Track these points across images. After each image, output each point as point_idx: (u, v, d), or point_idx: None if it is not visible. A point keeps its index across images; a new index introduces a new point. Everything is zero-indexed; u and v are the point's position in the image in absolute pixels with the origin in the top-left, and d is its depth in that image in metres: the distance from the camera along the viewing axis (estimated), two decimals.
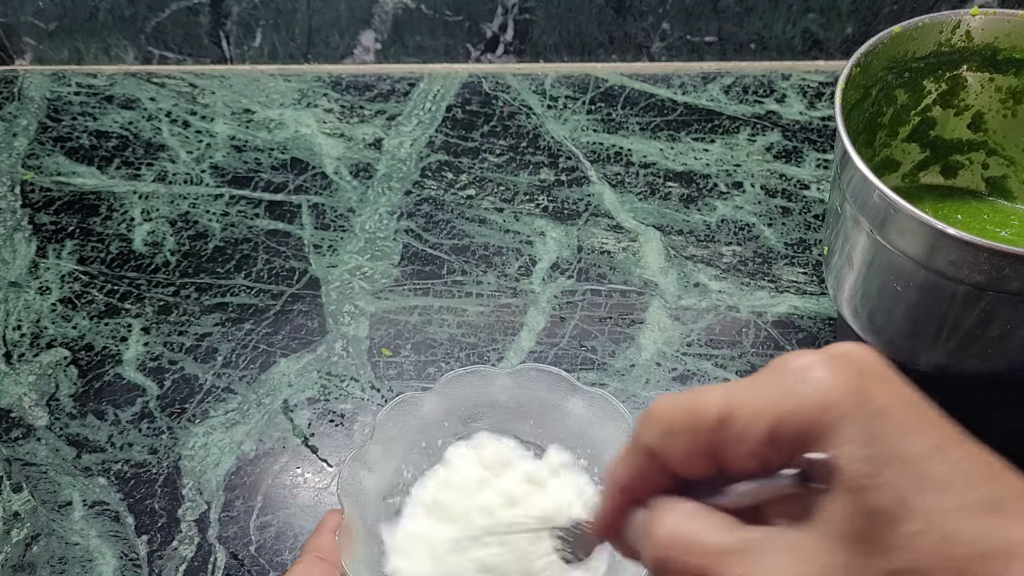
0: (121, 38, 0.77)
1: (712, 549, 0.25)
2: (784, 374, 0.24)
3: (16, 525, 0.52)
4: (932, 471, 0.22)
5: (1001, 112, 0.56)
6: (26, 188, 0.70)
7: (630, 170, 0.69)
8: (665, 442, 0.27)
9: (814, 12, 0.73)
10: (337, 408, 0.56)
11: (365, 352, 0.59)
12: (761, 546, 0.24)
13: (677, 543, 0.26)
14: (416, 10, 0.74)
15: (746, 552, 0.24)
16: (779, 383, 0.24)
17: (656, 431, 0.27)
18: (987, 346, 0.47)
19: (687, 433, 0.26)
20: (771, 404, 0.24)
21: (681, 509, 0.27)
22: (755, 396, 0.25)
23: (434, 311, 0.61)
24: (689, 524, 0.26)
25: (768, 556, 0.24)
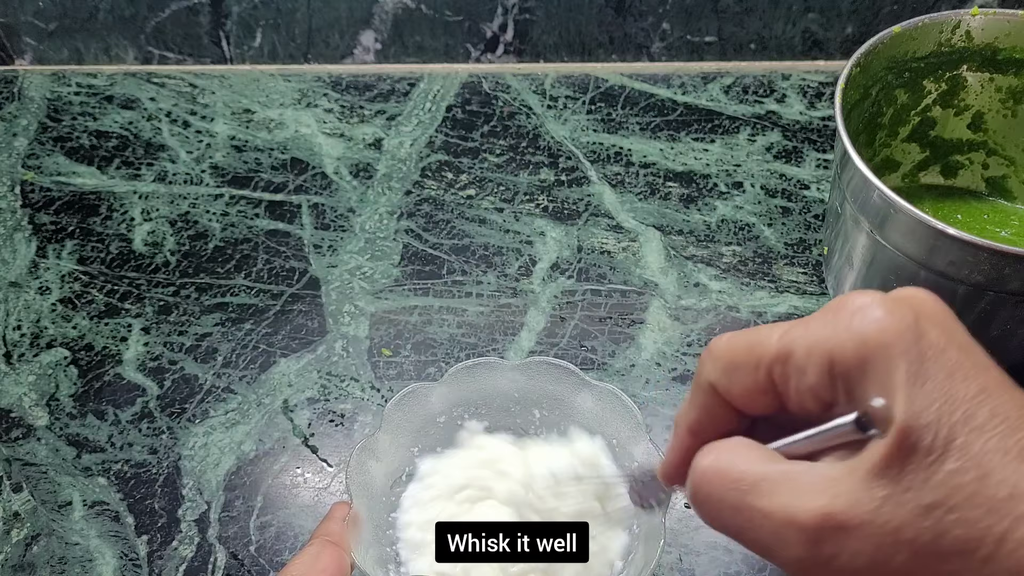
0: (121, 38, 0.77)
1: (749, 477, 0.25)
2: (842, 312, 0.25)
3: (16, 525, 0.52)
4: (976, 413, 0.23)
5: (1001, 112, 0.56)
6: (26, 188, 0.70)
7: (630, 170, 0.69)
8: (727, 378, 0.27)
9: (814, 12, 0.73)
10: (337, 408, 0.56)
11: (365, 352, 0.59)
12: (799, 477, 0.25)
13: (716, 472, 0.26)
14: (416, 10, 0.74)
15: (781, 482, 0.25)
16: (836, 320, 0.25)
17: (718, 367, 0.28)
18: (987, 346, 0.47)
19: (748, 368, 0.27)
20: (827, 339, 0.25)
21: (727, 443, 0.27)
22: (813, 331, 0.25)
23: (434, 311, 0.61)
24: (730, 455, 0.26)
25: (803, 486, 0.24)
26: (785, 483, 0.25)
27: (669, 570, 0.48)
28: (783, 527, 0.24)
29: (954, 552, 0.23)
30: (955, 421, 0.23)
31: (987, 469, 0.22)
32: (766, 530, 0.25)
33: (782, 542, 0.24)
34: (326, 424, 0.55)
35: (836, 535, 0.23)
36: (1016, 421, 0.23)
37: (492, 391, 0.49)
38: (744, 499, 0.25)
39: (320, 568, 0.40)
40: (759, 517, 0.25)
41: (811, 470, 0.25)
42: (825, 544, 0.24)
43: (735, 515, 0.26)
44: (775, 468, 0.25)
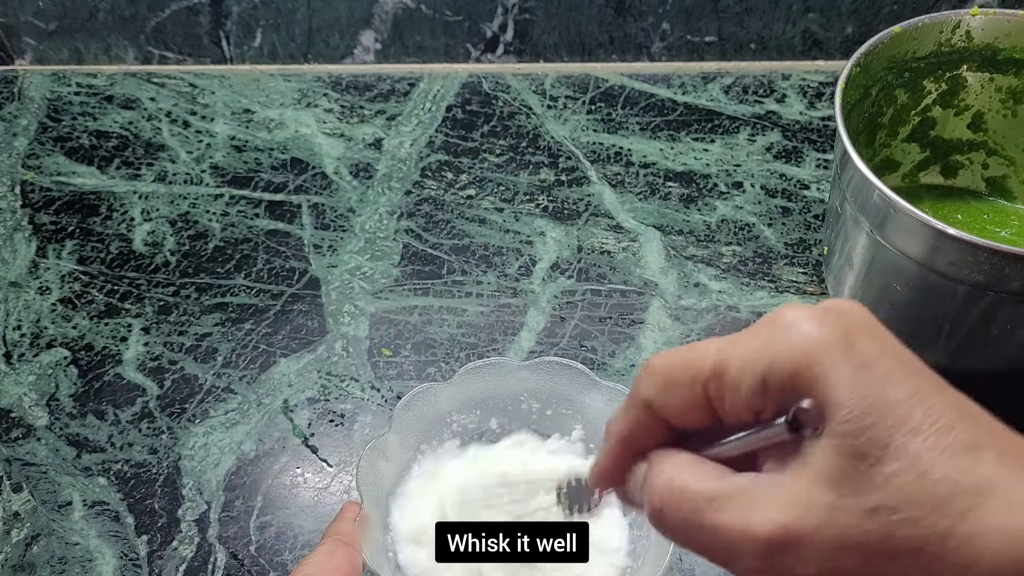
0: (121, 38, 0.77)
1: (703, 496, 0.26)
2: (775, 326, 0.26)
3: (16, 525, 0.52)
4: (912, 415, 0.23)
5: (1001, 112, 0.56)
6: (26, 188, 0.70)
7: (630, 170, 0.69)
8: (663, 395, 0.28)
9: (814, 12, 0.73)
10: (337, 408, 0.56)
11: (365, 352, 0.59)
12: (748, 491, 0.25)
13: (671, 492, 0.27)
14: (416, 10, 0.74)
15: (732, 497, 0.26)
16: (770, 333, 0.26)
17: (654, 384, 0.28)
18: (987, 346, 0.47)
19: (684, 385, 0.27)
20: (762, 352, 0.25)
21: (676, 460, 0.28)
22: (746, 347, 0.26)
23: (434, 311, 0.61)
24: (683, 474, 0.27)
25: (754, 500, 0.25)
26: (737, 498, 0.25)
27: (669, 570, 0.48)
28: (739, 541, 0.25)
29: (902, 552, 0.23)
30: (890, 424, 0.23)
31: (925, 468, 0.23)
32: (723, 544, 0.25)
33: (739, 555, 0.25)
34: (326, 424, 0.55)
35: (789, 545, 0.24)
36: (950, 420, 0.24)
37: (501, 392, 0.49)
38: (701, 516, 0.26)
39: (333, 567, 0.40)
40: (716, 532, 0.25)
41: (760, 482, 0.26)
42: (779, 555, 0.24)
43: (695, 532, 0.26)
44: (727, 483, 0.26)
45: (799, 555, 0.24)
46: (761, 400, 0.26)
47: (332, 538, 0.42)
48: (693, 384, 0.27)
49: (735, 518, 0.25)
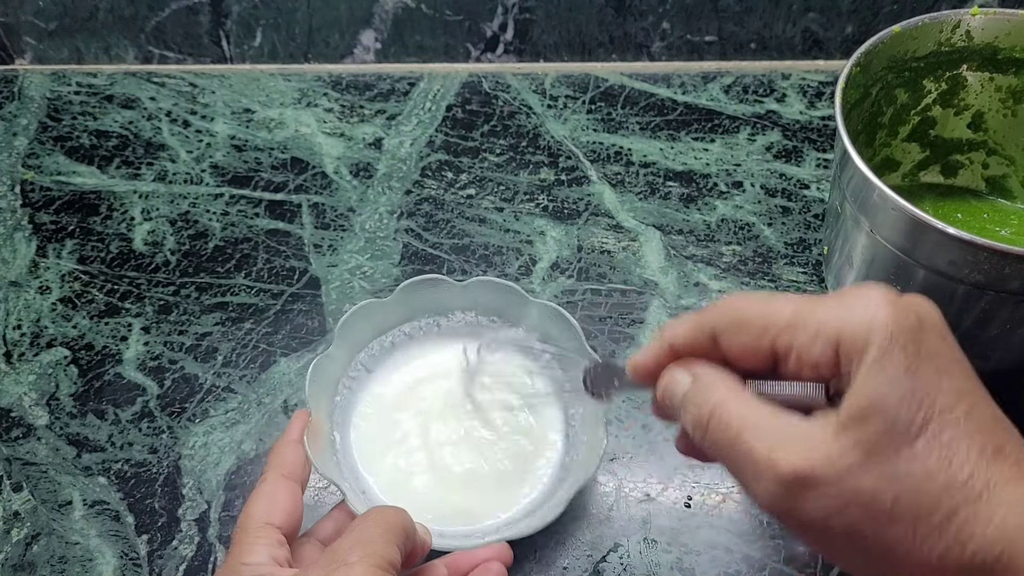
0: (121, 38, 0.77)
1: (748, 421, 0.29)
2: (857, 300, 0.28)
3: (16, 525, 0.52)
4: (955, 408, 0.26)
5: (1001, 112, 0.56)
6: (26, 188, 0.70)
7: (630, 170, 0.69)
8: (731, 332, 0.31)
9: (814, 12, 0.73)
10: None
11: None
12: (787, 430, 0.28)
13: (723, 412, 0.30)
14: (416, 10, 0.74)
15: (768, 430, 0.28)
16: (850, 305, 0.28)
17: (728, 320, 0.31)
18: (987, 346, 0.47)
19: (755, 330, 0.30)
20: (838, 319, 0.28)
21: (727, 383, 0.31)
22: (826, 311, 0.29)
23: None
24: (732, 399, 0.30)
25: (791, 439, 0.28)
26: (774, 431, 0.28)
27: (669, 570, 0.48)
28: (764, 468, 0.28)
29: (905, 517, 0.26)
30: (934, 411, 0.26)
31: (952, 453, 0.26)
32: (749, 465, 0.28)
33: (759, 480, 0.28)
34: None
35: (805, 485, 0.27)
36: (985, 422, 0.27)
37: (441, 306, 0.54)
38: (740, 435, 0.29)
39: (280, 507, 0.41)
40: (747, 454, 0.28)
41: (797, 423, 0.28)
42: (794, 490, 0.27)
43: (729, 448, 0.29)
44: (768, 415, 0.29)
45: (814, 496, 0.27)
46: (828, 361, 0.28)
47: (273, 473, 0.43)
48: (764, 332, 0.30)
49: (769, 449, 0.28)
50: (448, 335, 0.55)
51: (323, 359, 0.50)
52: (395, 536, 0.38)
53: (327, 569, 0.35)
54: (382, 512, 0.40)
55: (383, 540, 0.37)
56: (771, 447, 0.28)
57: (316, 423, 0.48)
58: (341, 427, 0.51)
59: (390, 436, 0.51)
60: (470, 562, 0.43)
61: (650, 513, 0.51)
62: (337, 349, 0.51)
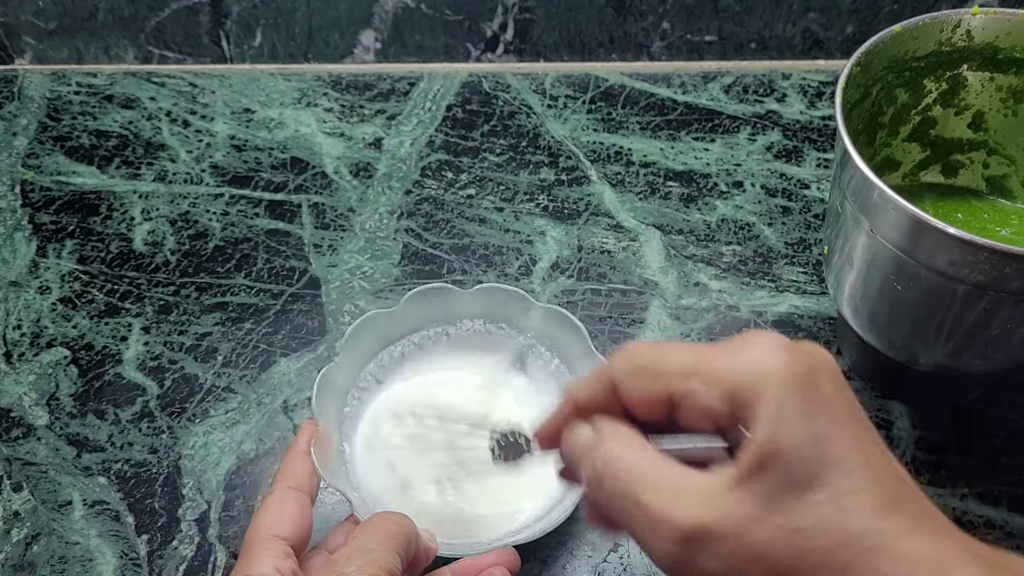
0: (121, 37, 0.77)
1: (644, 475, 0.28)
2: (748, 349, 0.28)
3: (16, 525, 0.52)
4: (848, 459, 0.26)
5: (1001, 111, 0.56)
6: (26, 188, 0.70)
7: (630, 170, 0.69)
8: (631, 379, 0.30)
9: (814, 11, 0.73)
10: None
11: None
12: (682, 483, 0.28)
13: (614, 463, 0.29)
14: (416, 9, 0.74)
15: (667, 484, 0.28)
16: (742, 354, 0.28)
17: (626, 367, 0.30)
18: (987, 346, 0.47)
19: (651, 377, 0.30)
20: (731, 369, 0.28)
21: (625, 435, 0.30)
22: (719, 360, 0.28)
23: None
24: (629, 450, 0.29)
25: (686, 493, 0.27)
26: (670, 485, 0.28)
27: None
28: (659, 523, 0.27)
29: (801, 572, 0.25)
30: (829, 460, 0.26)
31: (848, 506, 0.25)
32: (643, 520, 0.28)
33: (654, 535, 0.27)
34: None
35: (702, 540, 0.26)
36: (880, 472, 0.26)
37: (448, 315, 0.55)
38: (634, 489, 0.28)
39: (287, 518, 0.41)
40: (641, 509, 0.28)
41: (693, 477, 0.28)
42: (690, 546, 0.26)
43: (624, 504, 0.28)
44: (666, 470, 0.28)
45: (711, 552, 0.26)
46: (721, 411, 0.28)
47: (281, 485, 0.43)
48: (659, 378, 0.29)
49: (664, 503, 0.27)
50: (457, 344, 0.55)
51: (330, 369, 0.50)
52: (396, 544, 0.38)
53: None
54: (384, 519, 0.40)
55: (383, 548, 0.37)
56: (667, 501, 0.27)
57: (324, 434, 0.48)
58: (350, 438, 0.51)
59: (400, 446, 0.51)
60: (476, 568, 0.43)
61: None
62: (345, 359, 0.52)
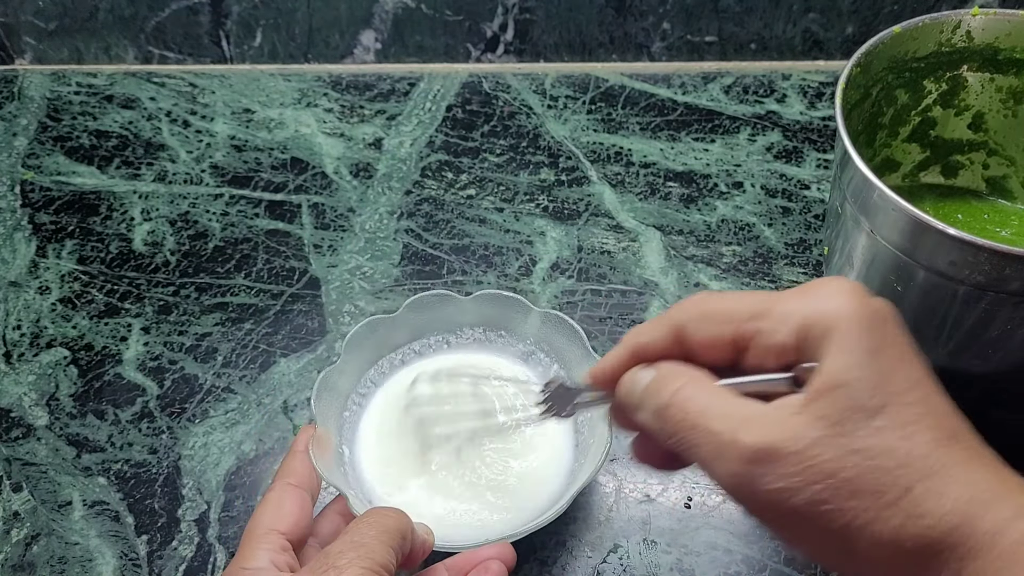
0: (121, 38, 0.77)
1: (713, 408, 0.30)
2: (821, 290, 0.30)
3: (16, 525, 0.52)
4: (911, 393, 0.28)
5: (1001, 112, 0.56)
6: (26, 188, 0.70)
7: (630, 170, 0.69)
8: (699, 324, 0.32)
9: (814, 12, 0.73)
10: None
11: None
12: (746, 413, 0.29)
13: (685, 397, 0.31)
14: (416, 10, 0.74)
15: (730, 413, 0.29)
16: (815, 295, 0.29)
17: (694, 312, 0.32)
18: (987, 346, 0.47)
19: (720, 320, 0.31)
20: (804, 307, 0.29)
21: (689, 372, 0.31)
22: (791, 300, 0.30)
23: None
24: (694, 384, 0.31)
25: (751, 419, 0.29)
26: (737, 413, 0.29)
27: (669, 570, 0.48)
28: (727, 446, 0.29)
29: (865, 491, 0.27)
30: (893, 392, 0.28)
31: (910, 434, 0.27)
32: (710, 446, 0.29)
33: (721, 458, 0.29)
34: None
35: (769, 459, 0.28)
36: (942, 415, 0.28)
37: (448, 322, 0.54)
38: (701, 417, 0.30)
39: (286, 514, 0.41)
40: (709, 434, 0.29)
41: (760, 406, 0.29)
42: (757, 465, 0.28)
43: (690, 428, 0.30)
44: (731, 400, 0.30)
45: (777, 470, 0.28)
46: (792, 346, 0.29)
47: (281, 481, 0.43)
48: (729, 321, 0.31)
49: (732, 427, 0.29)
50: (457, 351, 0.55)
51: (330, 372, 0.50)
52: (390, 538, 0.38)
53: (317, 573, 0.35)
54: (379, 513, 0.40)
55: (377, 542, 0.37)
56: (735, 425, 0.29)
57: (322, 435, 0.47)
58: (350, 442, 0.51)
59: (399, 451, 0.51)
60: (471, 563, 0.43)
61: (650, 514, 0.51)
62: (346, 364, 0.51)
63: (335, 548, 0.37)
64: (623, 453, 0.53)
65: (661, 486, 0.52)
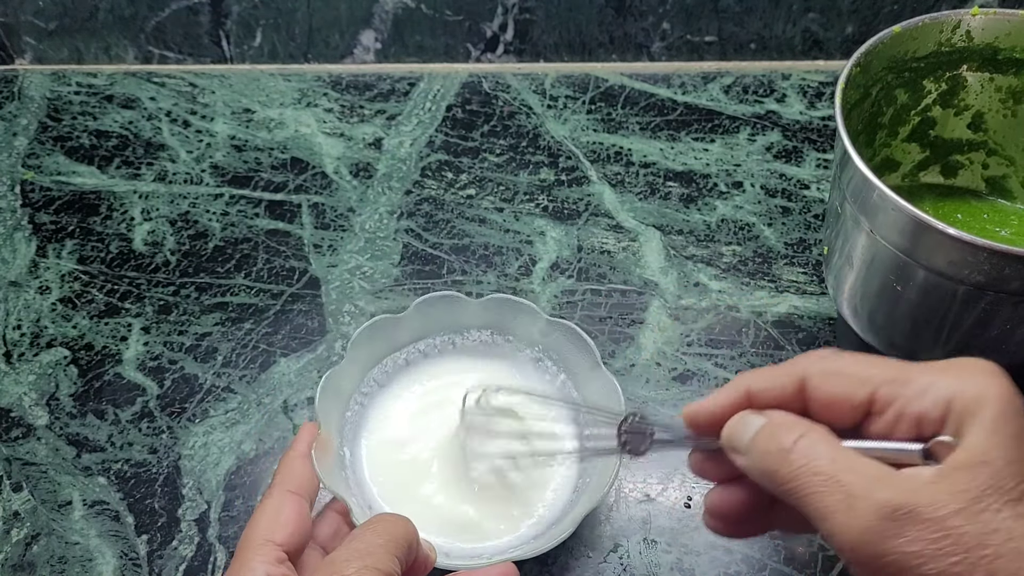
0: (121, 37, 0.77)
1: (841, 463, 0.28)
2: (968, 367, 0.29)
3: (16, 525, 0.52)
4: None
5: (1001, 112, 0.56)
6: (26, 188, 0.70)
7: (630, 170, 0.69)
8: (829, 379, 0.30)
9: (814, 12, 0.73)
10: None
11: None
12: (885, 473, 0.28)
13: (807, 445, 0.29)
14: (416, 10, 0.74)
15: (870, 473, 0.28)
16: (961, 371, 0.29)
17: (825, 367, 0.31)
18: (987, 346, 0.47)
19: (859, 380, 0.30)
20: (954, 381, 0.29)
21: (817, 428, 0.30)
22: (936, 373, 0.29)
23: None
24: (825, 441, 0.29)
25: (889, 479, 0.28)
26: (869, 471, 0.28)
27: (669, 570, 0.48)
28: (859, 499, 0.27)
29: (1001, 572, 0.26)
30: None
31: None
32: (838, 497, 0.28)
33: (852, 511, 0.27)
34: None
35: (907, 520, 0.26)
36: None
37: (456, 324, 0.54)
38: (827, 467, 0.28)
39: (283, 522, 0.40)
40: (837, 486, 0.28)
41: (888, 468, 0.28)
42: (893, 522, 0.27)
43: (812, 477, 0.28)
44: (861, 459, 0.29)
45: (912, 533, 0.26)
46: (933, 419, 0.29)
47: (280, 488, 0.42)
48: (865, 382, 0.30)
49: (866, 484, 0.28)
50: (463, 354, 0.54)
51: (335, 372, 0.49)
52: (396, 547, 0.37)
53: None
54: (384, 521, 0.39)
55: (383, 551, 0.36)
56: (868, 482, 0.28)
57: (325, 437, 0.47)
58: (351, 443, 0.50)
59: (400, 455, 0.50)
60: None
61: (650, 514, 0.51)
62: (350, 363, 0.51)
63: (341, 555, 0.36)
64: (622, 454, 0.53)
65: (661, 486, 0.52)
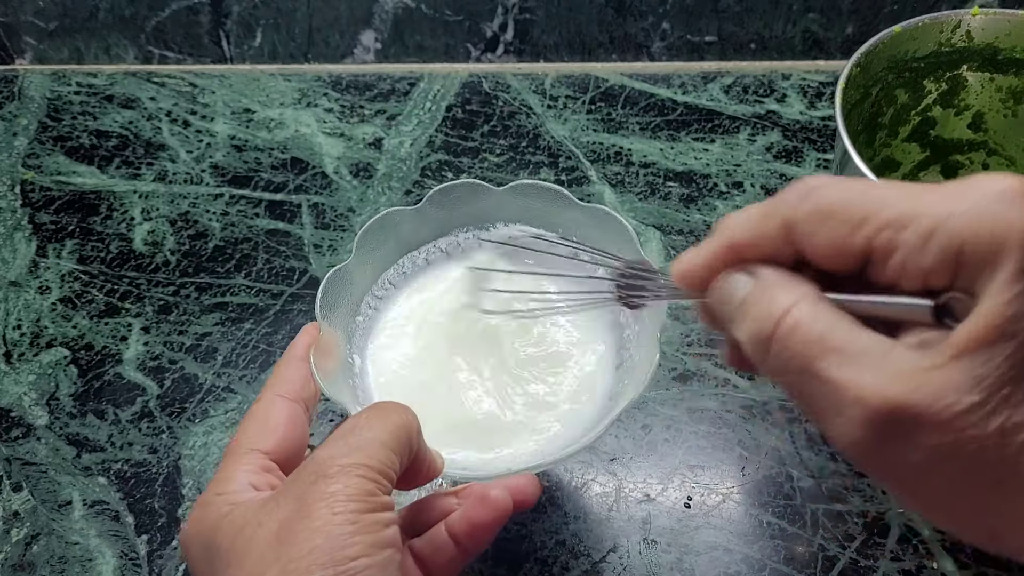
0: (121, 38, 0.77)
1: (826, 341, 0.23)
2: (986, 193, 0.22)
3: (16, 524, 0.52)
4: None
5: (1001, 112, 0.56)
6: (26, 188, 0.70)
7: (630, 170, 0.69)
8: (818, 223, 0.24)
9: (814, 12, 0.73)
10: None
11: None
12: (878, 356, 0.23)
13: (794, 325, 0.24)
14: (416, 10, 0.74)
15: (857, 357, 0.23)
16: (978, 200, 0.22)
17: (811, 208, 0.25)
18: None
19: (846, 222, 0.24)
20: (965, 218, 0.22)
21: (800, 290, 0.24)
22: (946, 204, 0.22)
23: None
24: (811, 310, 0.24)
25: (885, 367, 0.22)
26: (862, 355, 0.22)
27: (669, 570, 0.48)
28: (848, 401, 0.22)
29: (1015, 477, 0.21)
30: None
31: None
32: (826, 396, 0.23)
33: (840, 416, 0.23)
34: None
35: (903, 425, 0.21)
36: None
37: (478, 216, 0.47)
38: (817, 362, 0.23)
39: (271, 430, 0.35)
40: (825, 381, 0.23)
41: (892, 347, 0.23)
42: (887, 430, 0.22)
43: (800, 370, 0.24)
44: (857, 339, 0.23)
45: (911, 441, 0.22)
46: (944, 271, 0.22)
47: (269, 393, 0.37)
48: (861, 225, 0.23)
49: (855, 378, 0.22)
50: (490, 252, 0.47)
51: (341, 270, 0.43)
52: (392, 439, 0.31)
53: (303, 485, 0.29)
54: (380, 408, 0.33)
55: (377, 444, 0.30)
56: (858, 375, 0.22)
57: (327, 340, 0.41)
58: (361, 350, 0.44)
59: (419, 359, 0.45)
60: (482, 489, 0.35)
61: (650, 513, 0.51)
62: (359, 262, 0.44)
63: (325, 452, 0.30)
64: (622, 453, 0.53)
65: (661, 486, 0.52)
